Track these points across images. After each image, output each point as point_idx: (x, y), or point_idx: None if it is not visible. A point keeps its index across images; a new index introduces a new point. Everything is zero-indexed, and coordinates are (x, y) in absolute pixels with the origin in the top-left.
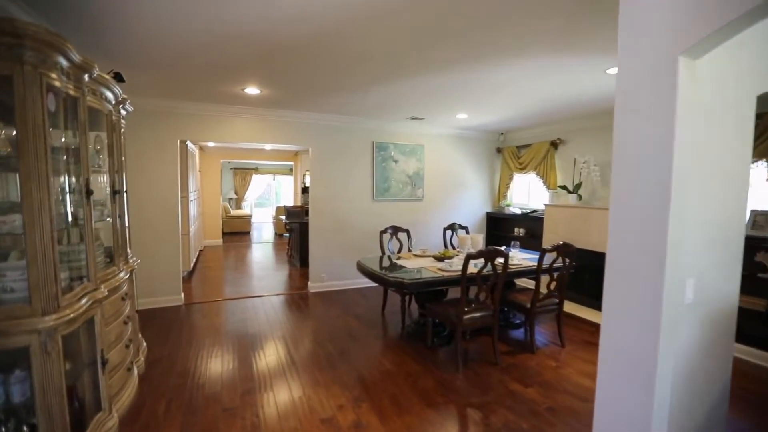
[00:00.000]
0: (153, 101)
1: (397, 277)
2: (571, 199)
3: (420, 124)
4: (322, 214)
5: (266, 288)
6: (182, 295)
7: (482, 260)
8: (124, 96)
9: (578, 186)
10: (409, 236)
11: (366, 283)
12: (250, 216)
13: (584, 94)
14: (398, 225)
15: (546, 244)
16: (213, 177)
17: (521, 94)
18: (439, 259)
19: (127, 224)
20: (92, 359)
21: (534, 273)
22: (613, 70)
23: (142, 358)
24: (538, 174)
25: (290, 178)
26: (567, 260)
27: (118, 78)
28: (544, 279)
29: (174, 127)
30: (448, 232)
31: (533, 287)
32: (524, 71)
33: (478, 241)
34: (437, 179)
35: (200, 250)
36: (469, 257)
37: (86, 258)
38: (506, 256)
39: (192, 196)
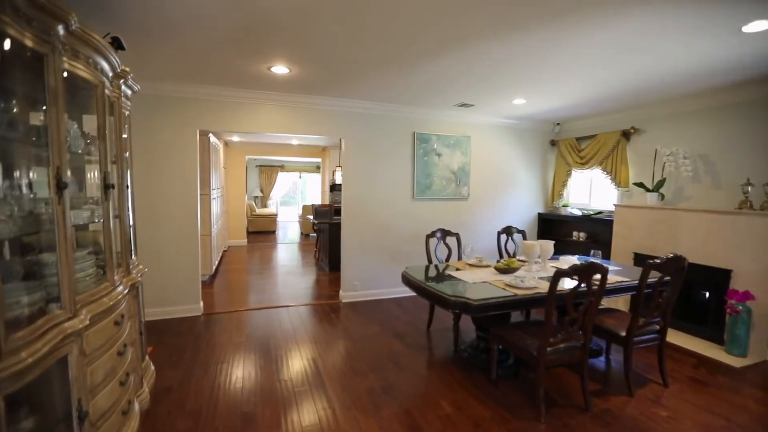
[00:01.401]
0: (167, 85)
1: (460, 296)
2: (651, 198)
3: (467, 112)
4: (356, 214)
5: (293, 296)
6: (201, 304)
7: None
8: (126, 68)
9: (661, 183)
10: (459, 242)
11: (404, 292)
12: (276, 215)
13: (686, 67)
14: (447, 227)
15: (617, 251)
16: (238, 174)
17: (602, 70)
18: (503, 271)
19: (131, 225)
20: (67, 412)
21: (630, 291)
22: (757, 26)
23: (147, 390)
24: (604, 169)
25: (316, 176)
26: (670, 277)
27: (117, 44)
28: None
29: (192, 116)
30: (503, 237)
31: (616, 307)
32: (613, 39)
33: (548, 248)
34: (484, 176)
35: (224, 251)
36: (560, 275)
37: (58, 275)
38: (605, 273)
39: (215, 194)
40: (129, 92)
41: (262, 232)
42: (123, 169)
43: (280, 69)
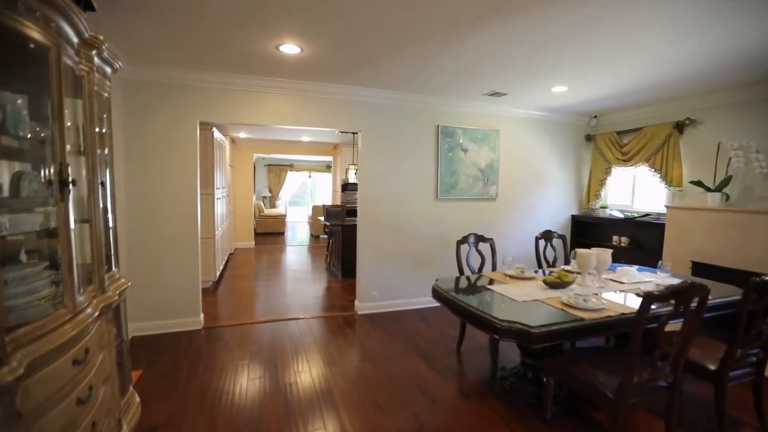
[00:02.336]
0: (163, 70)
1: (514, 322)
2: (712, 199)
3: (497, 103)
4: (373, 215)
5: (304, 307)
6: (201, 316)
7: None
8: (97, 36)
9: (726, 181)
10: (493, 249)
11: (426, 302)
12: (285, 216)
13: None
14: (473, 231)
15: (670, 258)
16: (245, 173)
17: (666, 46)
18: (554, 285)
19: (111, 231)
20: None
21: (716, 312)
22: None
23: None
24: (651, 166)
25: (326, 176)
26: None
27: (85, 3)
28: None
29: (192, 106)
30: (541, 243)
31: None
32: (683, 9)
33: (605, 259)
34: (513, 173)
35: (230, 254)
36: (652, 298)
37: None
38: (706, 296)
39: (219, 194)
40: (108, 70)
41: (271, 233)
42: (95, 161)
43: (290, 48)
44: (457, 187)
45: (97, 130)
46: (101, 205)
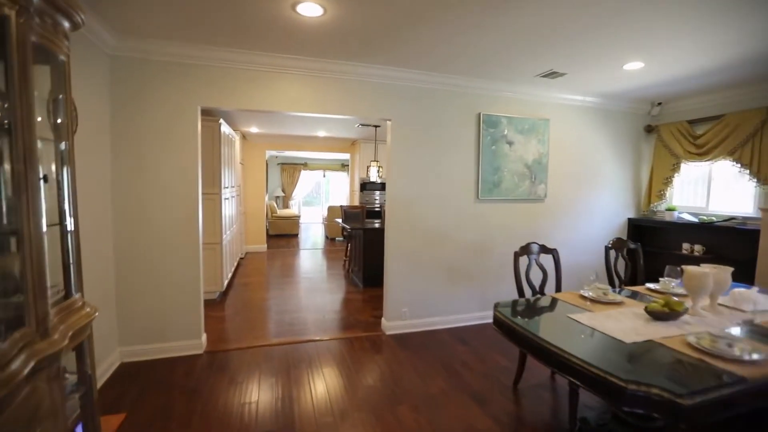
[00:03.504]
0: (156, 46)
1: (650, 385)
2: None
3: (547, 88)
4: (403, 219)
5: (322, 325)
6: (203, 338)
7: None
8: None
9: None
10: (556, 262)
11: (464, 320)
12: (299, 217)
13: None
14: (518, 237)
15: (766, 273)
16: (257, 171)
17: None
18: (661, 316)
19: (72, 242)
20: None
21: None
22: None
23: None
24: (737, 161)
25: (341, 175)
26: None
27: None
28: None
29: (191, 88)
30: (612, 253)
31: None
32: None
33: (724, 280)
34: (564, 170)
35: (240, 258)
36: None
37: None
38: None
39: (228, 193)
40: (63, 22)
41: (284, 235)
42: (28, 146)
43: (309, 8)
44: (500, 186)
45: (42, 97)
46: (42, 209)
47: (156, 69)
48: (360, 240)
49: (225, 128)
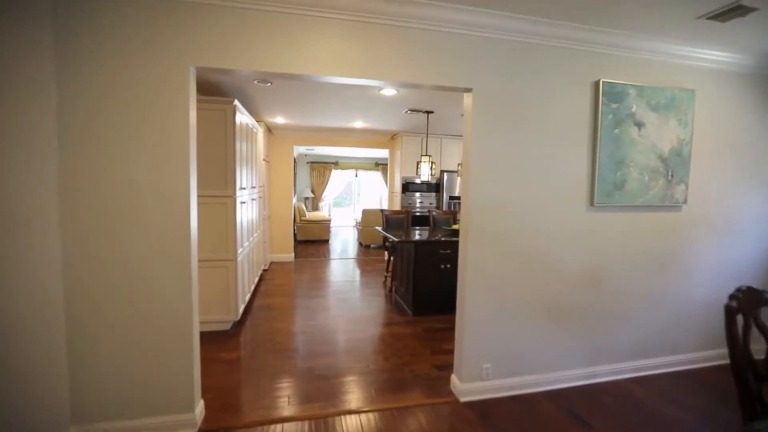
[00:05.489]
0: None
1: None
2: None
3: (701, 41)
4: (487, 234)
5: (365, 381)
6: (199, 408)
7: None
8: None
9: None
10: None
11: (567, 379)
12: (329, 221)
13: None
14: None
15: None
16: (284, 169)
17: None
18: None
19: None
20: None
21: None
22: None
23: None
24: None
25: (374, 174)
26: None
27: None
28: None
29: (178, 39)
30: (740, 320)
31: None
32: None
33: None
34: (713, 162)
35: (264, 270)
36: None
37: None
38: None
39: (246, 196)
40: None
41: (313, 241)
42: None
43: None
44: (624, 187)
45: None
46: None
47: (125, 11)
48: (409, 255)
49: (243, 116)
